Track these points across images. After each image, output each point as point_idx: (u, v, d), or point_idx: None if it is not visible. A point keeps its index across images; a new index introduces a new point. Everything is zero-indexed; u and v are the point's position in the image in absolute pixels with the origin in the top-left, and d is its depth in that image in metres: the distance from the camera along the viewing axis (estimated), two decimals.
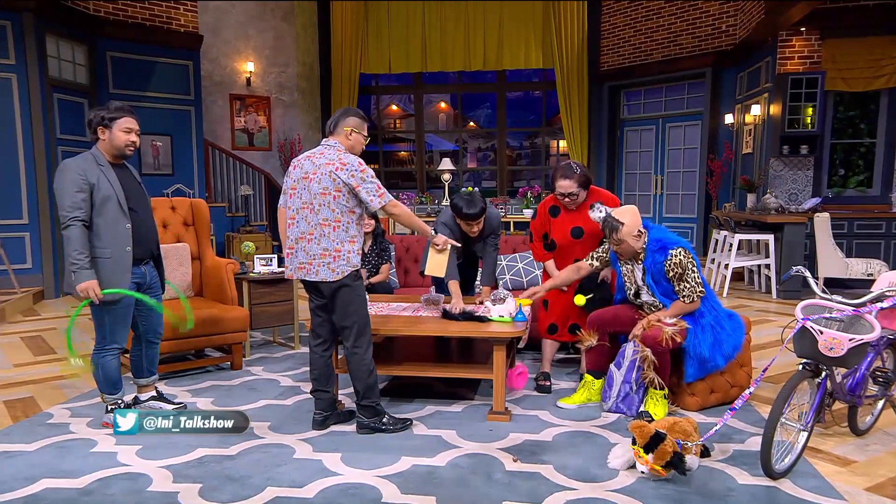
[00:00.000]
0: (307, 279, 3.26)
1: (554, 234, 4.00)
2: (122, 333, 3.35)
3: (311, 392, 3.47)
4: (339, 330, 3.32)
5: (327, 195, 3.16)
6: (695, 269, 3.45)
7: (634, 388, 3.57)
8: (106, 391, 3.41)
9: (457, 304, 3.82)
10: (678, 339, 3.45)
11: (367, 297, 3.49)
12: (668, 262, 3.45)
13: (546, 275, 4.09)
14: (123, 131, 3.24)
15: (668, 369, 3.52)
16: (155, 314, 3.52)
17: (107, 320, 3.28)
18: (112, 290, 3.18)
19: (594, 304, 3.88)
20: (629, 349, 3.60)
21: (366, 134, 3.37)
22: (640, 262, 3.58)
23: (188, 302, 3.72)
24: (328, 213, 3.17)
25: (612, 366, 3.68)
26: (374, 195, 3.17)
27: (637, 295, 3.69)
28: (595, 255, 3.75)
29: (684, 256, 3.44)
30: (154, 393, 3.65)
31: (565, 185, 3.81)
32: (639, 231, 3.48)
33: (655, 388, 3.49)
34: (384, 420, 3.34)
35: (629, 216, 3.46)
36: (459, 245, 3.82)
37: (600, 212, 3.54)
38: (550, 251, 4.04)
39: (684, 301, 3.49)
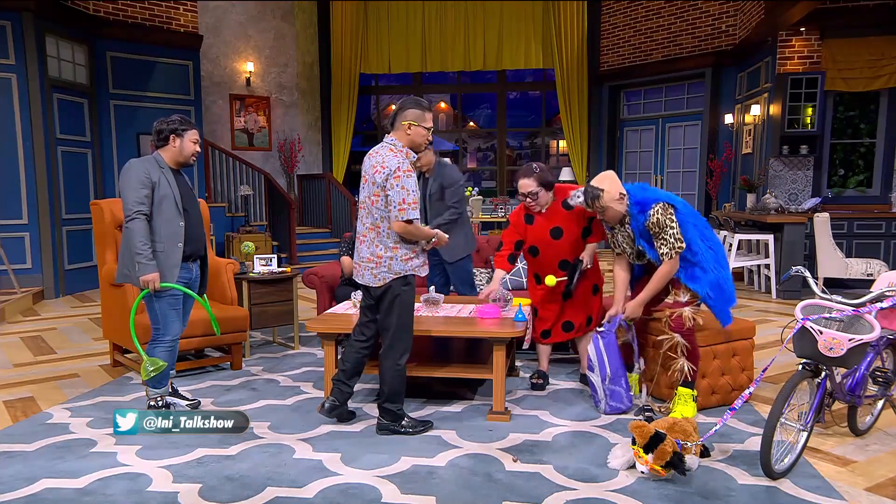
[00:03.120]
0: (357, 280, 3.31)
1: (533, 241, 3.88)
2: (175, 324, 3.52)
3: (333, 378, 3.44)
4: (380, 330, 3.34)
5: (371, 198, 3.14)
6: (673, 223, 3.31)
7: (607, 381, 3.54)
8: (151, 384, 3.52)
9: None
10: (699, 320, 3.47)
11: None
12: (648, 222, 3.36)
13: (531, 278, 4.01)
14: (193, 142, 3.50)
15: (699, 353, 3.49)
16: (187, 313, 3.68)
17: (157, 311, 3.45)
18: (168, 283, 3.38)
19: (569, 284, 3.81)
20: (591, 351, 3.57)
21: (428, 125, 3.16)
22: (627, 225, 3.50)
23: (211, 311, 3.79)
24: (373, 219, 3.16)
25: (586, 371, 3.68)
26: (394, 204, 3.04)
27: (640, 255, 3.56)
28: (623, 245, 3.62)
29: (661, 213, 3.31)
30: (169, 388, 3.71)
31: (524, 183, 3.73)
32: (620, 194, 3.39)
33: (684, 384, 3.43)
34: (403, 423, 3.33)
35: (608, 181, 3.40)
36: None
37: (578, 196, 3.50)
38: (534, 257, 3.94)
39: (664, 258, 3.35)
